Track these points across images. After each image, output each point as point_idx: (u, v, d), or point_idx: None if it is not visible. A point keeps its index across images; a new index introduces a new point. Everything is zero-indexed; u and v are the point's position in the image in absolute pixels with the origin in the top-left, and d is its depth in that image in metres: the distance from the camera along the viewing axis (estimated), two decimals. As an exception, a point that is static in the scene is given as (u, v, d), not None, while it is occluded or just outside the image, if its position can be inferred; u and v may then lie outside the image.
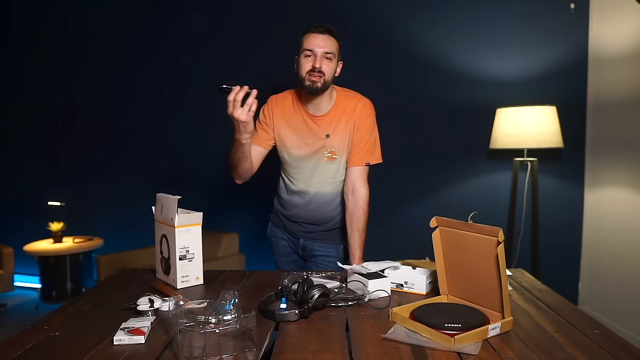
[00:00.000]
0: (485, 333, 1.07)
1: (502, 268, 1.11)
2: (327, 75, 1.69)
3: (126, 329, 1.10)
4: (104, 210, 3.82)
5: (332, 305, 1.28)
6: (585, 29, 2.97)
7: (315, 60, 1.67)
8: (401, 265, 1.54)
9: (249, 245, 3.37)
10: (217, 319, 1.06)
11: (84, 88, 3.84)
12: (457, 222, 1.24)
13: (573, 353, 1.00)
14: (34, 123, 3.99)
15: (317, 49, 1.67)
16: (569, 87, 3.01)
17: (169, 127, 3.68)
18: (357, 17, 3.24)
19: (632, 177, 2.66)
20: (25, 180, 4.04)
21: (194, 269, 1.51)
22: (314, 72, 1.67)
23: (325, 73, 1.68)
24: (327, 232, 1.91)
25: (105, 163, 3.83)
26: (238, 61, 3.46)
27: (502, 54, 3.08)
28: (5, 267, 3.43)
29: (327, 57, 1.68)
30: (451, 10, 3.13)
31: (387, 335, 1.09)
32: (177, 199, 1.46)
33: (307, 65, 1.69)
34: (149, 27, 3.66)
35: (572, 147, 2.96)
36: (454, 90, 3.15)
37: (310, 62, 1.68)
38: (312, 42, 1.68)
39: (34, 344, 1.06)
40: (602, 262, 2.92)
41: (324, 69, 1.68)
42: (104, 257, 3.03)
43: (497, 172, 3.12)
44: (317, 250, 1.92)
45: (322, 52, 1.68)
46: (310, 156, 1.81)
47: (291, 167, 1.86)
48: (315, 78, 1.68)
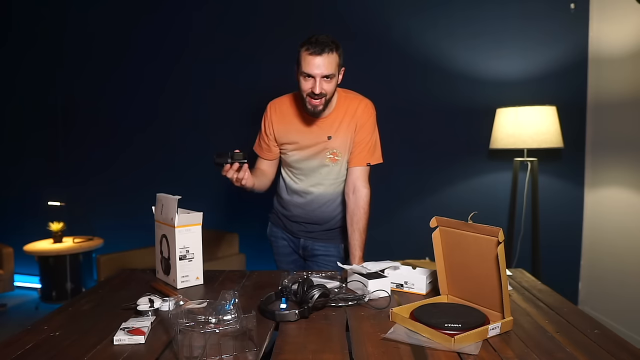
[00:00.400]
0: (485, 333, 1.07)
1: (502, 268, 1.11)
2: (328, 94, 1.67)
3: (126, 329, 1.10)
4: (104, 210, 3.82)
5: (332, 305, 1.28)
6: (585, 29, 2.97)
7: (315, 86, 1.62)
8: (401, 265, 1.54)
9: (249, 245, 3.36)
10: (217, 319, 1.06)
11: (84, 88, 3.84)
12: (457, 222, 1.24)
13: (573, 353, 1.00)
14: (34, 123, 3.99)
15: (316, 72, 1.61)
16: (569, 87, 3.01)
17: (169, 126, 3.68)
18: (357, 17, 3.24)
19: (632, 177, 2.66)
20: (25, 180, 4.04)
21: (194, 269, 1.51)
22: (314, 96, 1.64)
23: (326, 93, 1.66)
24: (328, 232, 1.91)
25: (105, 163, 3.83)
26: (239, 61, 3.46)
27: (502, 54, 3.08)
28: (5, 267, 3.43)
29: (326, 78, 1.63)
30: (451, 10, 3.13)
31: (387, 335, 1.09)
32: (177, 199, 1.46)
33: (306, 86, 1.65)
34: (149, 27, 3.66)
35: (572, 147, 2.96)
36: (454, 90, 3.15)
37: (309, 85, 1.63)
38: (311, 65, 1.60)
39: (34, 344, 1.06)
40: (602, 262, 2.92)
41: (324, 90, 1.64)
42: (104, 257, 3.03)
43: (497, 172, 3.12)
44: (318, 250, 1.92)
45: (320, 75, 1.61)
46: (312, 158, 1.81)
47: (293, 168, 1.86)
48: (316, 102, 1.66)
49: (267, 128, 1.85)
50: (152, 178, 3.67)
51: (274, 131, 1.84)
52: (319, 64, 1.60)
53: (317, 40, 1.60)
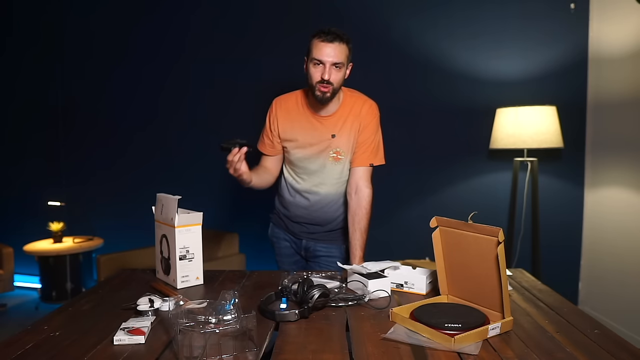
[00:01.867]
0: (485, 333, 1.07)
1: (502, 268, 1.11)
2: (336, 84, 1.69)
3: (126, 329, 1.10)
4: (104, 210, 3.82)
5: (332, 305, 1.28)
6: (585, 29, 2.97)
7: (324, 72, 1.65)
8: (401, 265, 1.54)
9: (249, 245, 3.36)
10: (217, 319, 1.06)
11: (84, 88, 3.84)
12: (457, 222, 1.24)
13: (573, 353, 1.00)
14: (34, 123, 3.99)
15: (326, 58, 1.64)
16: (569, 87, 3.01)
17: (169, 126, 3.68)
18: (357, 17, 3.23)
19: (632, 177, 2.66)
20: (26, 180, 4.04)
21: (194, 269, 1.51)
22: (323, 83, 1.66)
23: (334, 82, 1.67)
24: (330, 233, 1.91)
25: (105, 163, 3.83)
26: (238, 61, 3.46)
27: (502, 54, 3.08)
28: (5, 267, 3.43)
29: (336, 66, 1.66)
30: (451, 10, 3.13)
31: (387, 335, 1.09)
32: (177, 199, 1.46)
33: (316, 74, 1.67)
34: (148, 26, 3.66)
35: (572, 147, 2.96)
36: (454, 90, 3.15)
37: (319, 72, 1.66)
38: (322, 52, 1.64)
39: (34, 344, 1.06)
40: (602, 262, 2.92)
41: (332, 79, 1.66)
42: (104, 257, 3.03)
43: (497, 172, 3.12)
44: (320, 251, 1.92)
45: (331, 62, 1.65)
46: (315, 156, 1.81)
47: (296, 166, 1.86)
48: (325, 89, 1.67)
49: (271, 124, 1.86)
50: (152, 178, 3.67)
51: (279, 127, 1.84)
52: (329, 51, 1.64)
53: (330, 30, 1.66)
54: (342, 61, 1.67)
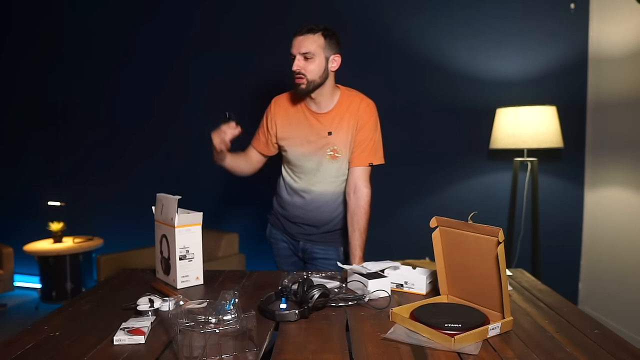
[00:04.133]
0: (485, 333, 1.07)
1: (502, 268, 1.11)
2: (310, 74, 1.70)
3: (126, 329, 1.10)
4: (104, 210, 3.82)
5: (332, 305, 1.28)
6: (585, 29, 2.97)
7: (294, 64, 1.70)
8: (401, 265, 1.54)
9: (249, 245, 3.36)
10: (217, 319, 1.06)
11: (84, 87, 3.84)
12: (457, 222, 1.24)
13: (573, 353, 1.00)
14: (34, 123, 3.99)
15: (294, 50, 1.70)
16: (569, 87, 3.01)
17: (169, 126, 3.68)
18: (356, 17, 3.24)
19: (632, 177, 2.66)
20: (26, 180, 4.04)
21: (194, 269, 1.51)
22: (295, 74, 1.71)
23: (307, 74, 1.70)
24: (327, 234, 1.91)
25: (105, 163, 3.83)
26: (238, 61, 3.46)
27: (502, 54, 3.08)
28: (5, 267, 3.43)
29: (306, 57, 1.69)
30: (451, 10, 3.13)
31: (387, 335, 1.09)
32: (177, 199, 1.46)
33: (293, 68, 1.72)
34: (147, 27, 3.66)
35: (572, 147, 2.96)
36: (454, 90, 3.15)
37: (294, 66, 1.71)
38: (293, 45, 1.71)
39: (34, 344, 1.06)
40: (602, 262, 2.92)
41: (304, 70, 1.69)
42: (104, 257, 3.03)
43: (497, 172, 3.12)
44: (317, 253, 1.92)
45: (298, 52, 1.69)
46: (312, 154, 1.81)
47: (294, 165, 1.87)
48: (298, 80, 1.71)
49: (269, 123, 1.88)
50: (152, 178, 3.67)
51: (276, 126, 1.86)
52: (297, 43, 1.70)
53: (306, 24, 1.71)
54: (311, 51, 1.68)
